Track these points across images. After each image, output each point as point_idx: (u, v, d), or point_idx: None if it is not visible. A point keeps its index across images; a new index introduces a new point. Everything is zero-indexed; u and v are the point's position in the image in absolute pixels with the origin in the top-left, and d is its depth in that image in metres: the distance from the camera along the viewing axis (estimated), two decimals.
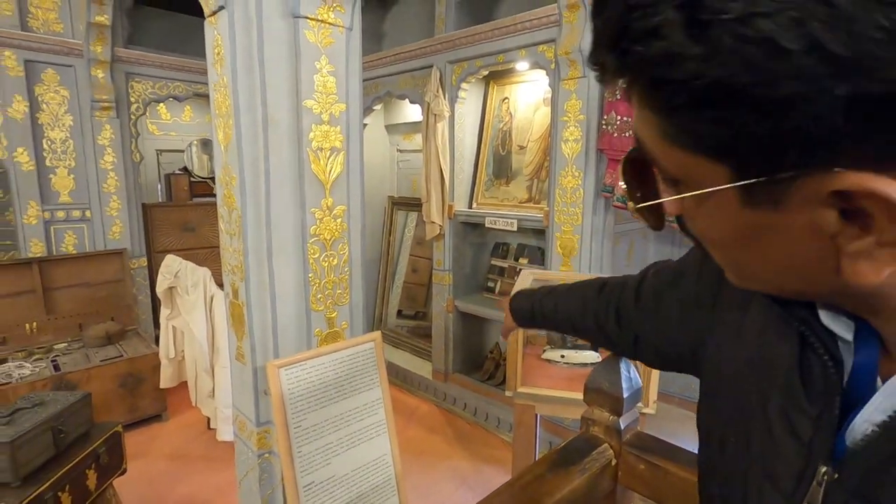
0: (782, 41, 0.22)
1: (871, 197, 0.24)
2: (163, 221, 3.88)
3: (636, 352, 0.72)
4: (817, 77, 0.22)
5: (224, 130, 1.28)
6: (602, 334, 0.76)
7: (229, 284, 1.38)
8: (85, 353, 3.02)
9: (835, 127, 0.23)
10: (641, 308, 0.67)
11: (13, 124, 3.04)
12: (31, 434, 1.58)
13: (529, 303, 0.90)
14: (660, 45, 0.25)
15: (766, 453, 0.41)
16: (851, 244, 0.26)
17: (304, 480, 1.27)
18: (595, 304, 0.76)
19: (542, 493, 0.75)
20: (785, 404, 0.39)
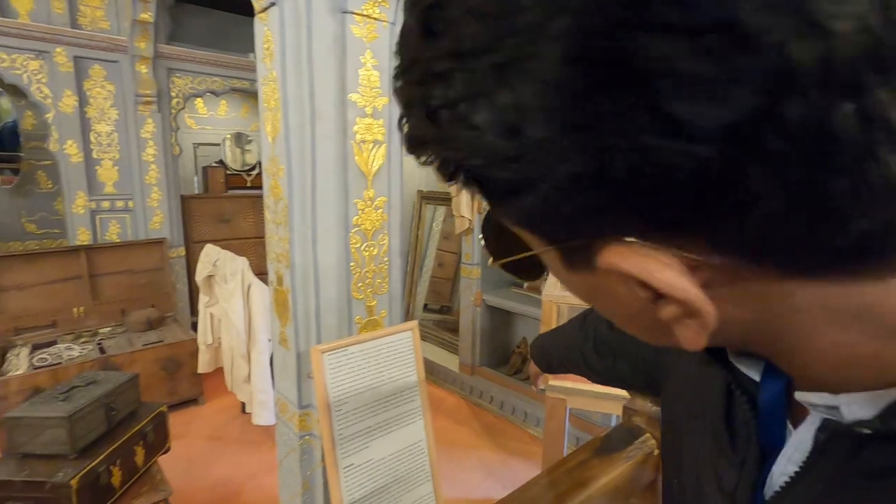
0: (477, 123, 0.20)
1: (630, 274, 0.21)
2: (200, 212, 4.01)
3: (619, 378, 0.74)
4: (524, 160, 0.20)
5: (272, 123, 1.32)
6: (590, 370, 0.77)
7: (274, 272, 1.43)
8: (128, 337, 3.16)
9: (582, 206, 0.20)
10: (616, 333, 0.69)
11: (63, 118, 3.19)
12: (86, 410, 1.67)
13: (539, 353, 0.92)
14: (409, 125, 0.24)
15: (693, 496, 0.39)
16: (661, 312, 0.23)
17: (344, 462, 1.31)
18: (577, 342, 0.78)
19: (586, 477, 0.77)
20: (713, 455, 0.36)
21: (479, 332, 3.34)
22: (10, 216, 3.74)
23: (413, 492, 1.45)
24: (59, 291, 3.20)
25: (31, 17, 3.02)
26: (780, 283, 0.22)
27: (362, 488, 1.34)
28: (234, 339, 2.67)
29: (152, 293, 3.50)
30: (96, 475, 1.64)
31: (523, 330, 3.43)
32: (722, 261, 0.21)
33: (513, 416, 3.08)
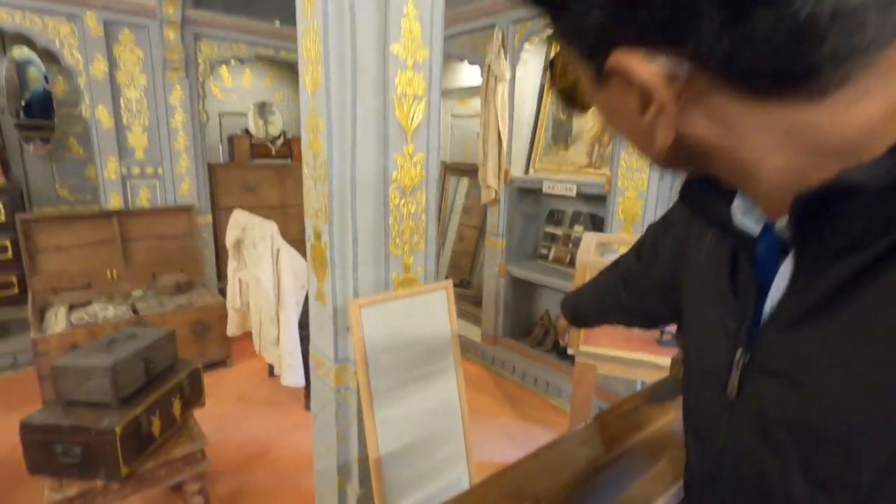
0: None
1: (627, 71, 0.29)
2: (226, 181, 4.05)
3: (649, 313, 0.75)
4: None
5: (312, 76, 1.31)
6: (620, 310, 0.80)
7: (311, 227, 1.43)
8: (159, 299, 3.24)
9: (600, 19, 0.29)
10: (643, 263, 0.72)
11: (95, 83, 3.21)
12: (127, 362, 1.73)
13: (571, 305, 0.95)
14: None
15: (706, 358, 0.44)
16: (645, 117, 0.31)
17: (380, 414, 1.33)
18: (607, 285, 0.82)
19: (640, 422, 0.77)
20: (721, 312, 0.42)
21: (502, 304, 3.35)
22: (44, 182, 3.82)
23: (446, 447, 1.47)
24: (93, 254, 3.28)
25: None
26: (741, 103, 0.28)
27: (397, 441, 1.36)
28: (262, 303, 2.72)
29: (181, 258, 3.57)
30: (137, 423, 1.70)
31: (547, 302, 3.42)
32: (698, 77, 0.28)
33: (534, 386, 3.10)
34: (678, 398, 0.86)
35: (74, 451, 1.60)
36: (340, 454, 1.49)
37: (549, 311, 3.36)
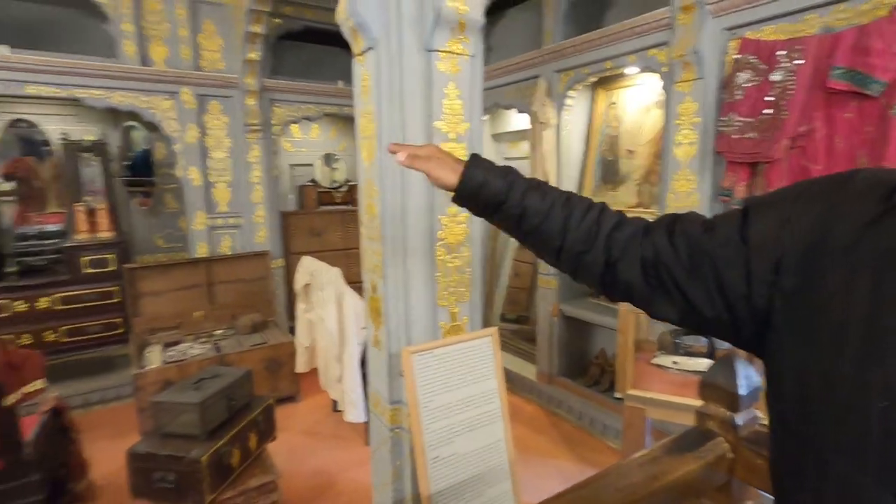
0: None
1: None
2: (296, 227, 4.42)
3: (686, 285, 0.60)
4: None
5: (368, 150, 1.51)
6: (611, 267, 0.68)
7: (368, 281, 1.61)
8: (237, 338, 3.57)
9: None
10: (713, 239, 0.59)
11: (188, 148, 3.70)
12: (213, 399, 1.96)
13: (504, 182, 0.74)
14: None
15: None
16: None
17: (431, 454, 1.45)
18: (618, 229, 0.69)
19: (658, 472, 0.83)
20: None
21: (556, 343, 3.37)
22: (145, 233, 4.38)
23: (494, 487, 1.55)
24: (184, 297, 3.69)
25: (166, 64, 3.56)
26: None
27: (447, 479, 1.46)
28: (327, 343, 2.94)
29: (257, 300, 3.91)
30: (220, 455, 1.91)
31: (601, 341, 3.40)
32: None
33: (591, 427, 3.07)
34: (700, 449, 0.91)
35: (169, 478, 1.83)
36: (396, 490, 1.61)
37: (604, 350, 3.34)
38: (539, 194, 0.74)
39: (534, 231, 0.74)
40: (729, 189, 2.27)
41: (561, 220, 0.72)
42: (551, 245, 0.73)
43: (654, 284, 0.65)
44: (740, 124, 2.16)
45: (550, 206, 0.72)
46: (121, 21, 3.37)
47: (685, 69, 2.35)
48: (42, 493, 1.97)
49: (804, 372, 0.50)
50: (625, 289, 0.69)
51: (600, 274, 0.70)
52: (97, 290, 3.58)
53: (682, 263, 0.61)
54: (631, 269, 0.66)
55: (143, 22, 3.47)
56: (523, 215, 0.73)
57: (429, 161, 0.80)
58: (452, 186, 0.78)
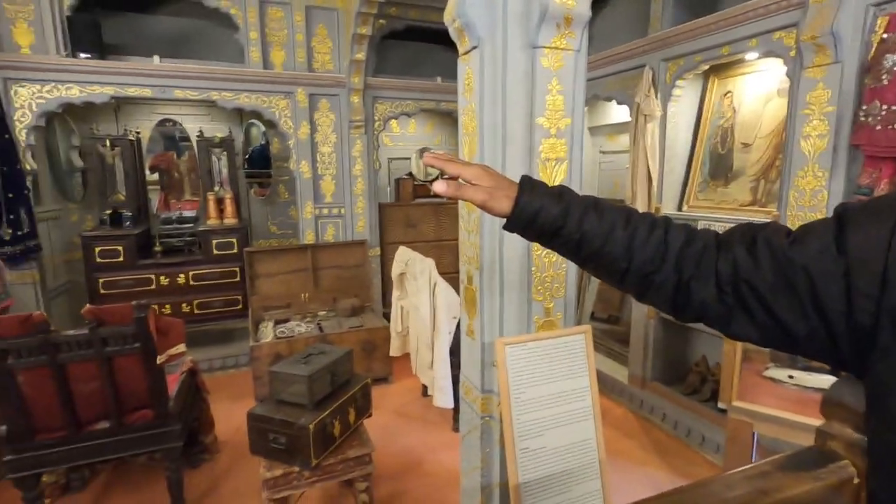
0: None
1: None
2: (392, 218, 4.64)
3: (770, 300, 0.56)
4: None
5: (470, 146, 1.56)
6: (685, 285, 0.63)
7: (465, 272, 1.67)
8: (338, 320, 3.85)
9: None
10: (799, 251, 0.55)
11: (300, 143, 4.04)
12: (320, 373, 2.16)
13: (560, 207, 0.68)
14: None
15: None
16: None
17: (520, 444, 1.48)
18: (689, 245, 0.64)
19: (767, 488, 0.79)
20: None
21: (651, 346, 3.22)
22: (261, 220, 4.86)
23: (582, 485, 1.54)
24: (292, 280, 4.05)
25: (283, 67, 3.91)
26: None
27: (535, 471, 1.48)
28: (420, 330, 3.07)
29: (355, 286, 4.18)
30: (324, 424, 2.10)
31: (702, 347, 3.18)
32: None
33: (688, 437, 2.90)
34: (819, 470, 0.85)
35: (281, 440, 2.05)
36: (484, 476, 1.66)
37: (706, 357, 3.12)
38: (597, 215, 0.68)
39: (595, 255, 0.69)
40: (868, 187, 2.01)
41: (624, 242, 0.66)
42: (615, 268, 0.68)
43: (730, 302, 0.61)
44: (885, 113, 1.90)
45: (611, 228, 0.67)
46: (249, 30, 3.76)
47: (818, 52, 2.11)
48: (181, 440, 2.31)
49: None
50: (699, 308, 0.64)
51: (672, 295, 0.66)
52: (222, 270, 4.05)
53: (766, 278, 0.57)
54: (705, 286, 0.62)
55: (267, 29, 3.84)
56: (582, 240, 0.68)
57: (477, 191, 0.69)
58: (505, 214, 0.70)
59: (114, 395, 2.13)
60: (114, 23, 3.78)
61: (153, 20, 3.98)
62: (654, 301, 0.70)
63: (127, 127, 4.23)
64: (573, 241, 0.69)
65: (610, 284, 0.74)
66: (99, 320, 2.04)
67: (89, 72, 3.40)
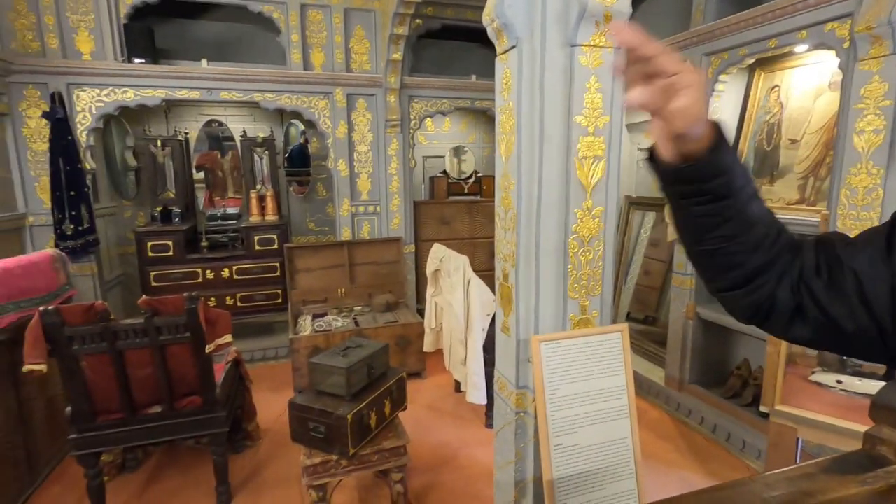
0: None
1: None
2: (426, 216, 4.70)
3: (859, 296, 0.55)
4: None
5: (507, 145, 1.58)
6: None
7: (501, 270, 1.69)
8: (373, 315, 3.93)
9: None
10: (855, 247, 0.57)
11: (338, 142, 4.14)
12: (357, 366, 2.22)
13: (744, 177, 0.59)
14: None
15: None
16: None
17: (554, 441, 1.49)
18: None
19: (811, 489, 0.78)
20: None
21: (689, 347, 3.14)
22: (300, 217, 5.01)
23: (616, 484, 1.54)
24: (329, 275, 4.16)
25: (322, 68, 4.02)
26: None
27: (569, 467, 1.49)
28: (453, 326, 3.11)
29: (390, 282, 4.26)
30: (361, 415, 2.16)
31: (744, 350, 3.09)
32: None
33: (727, 442, 2.82)
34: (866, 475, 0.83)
35: (320, 429, 2.13)
36: (517, 470, 1.68)
37: (748, 360, 3.03)
38: (758, 203, 0.61)
39: (725, 239, 0.61)
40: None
41: (757, 240, 0.61)
42: (731, 261, 0.62)
43: (792, 304, 0.61)
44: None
45: (758, 222, 0.61)
46: (290, 33, 3.87)
47: (874, 44, 2.02)
48: (227, 426, 2.43)
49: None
50: (767, 308, 0.63)
51: (761, 300, 0.63)
52: (264, 265, 4.20)
53: (822, 278, 0.58)
54: (784, 288, 0.61)
55: (307, 32, 3.95)
56: (731, 221, 0.60)
57: (689, 106, 0.52)
58: (697, 149, 0.56)
59: (166, 382, 2.26)
60: (165, 29, 3.97)
61: (201, 25, 4.16)
62: (736, 297, 0.65)
63: (176, 128, 4.44)
64: (722, 217, 0.60)
65: (700, 266, 0.67)
66: (154, 310, 2.17)
67: (143, 76, 3.59)
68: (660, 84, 0.51)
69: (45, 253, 2.69)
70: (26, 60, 3.32)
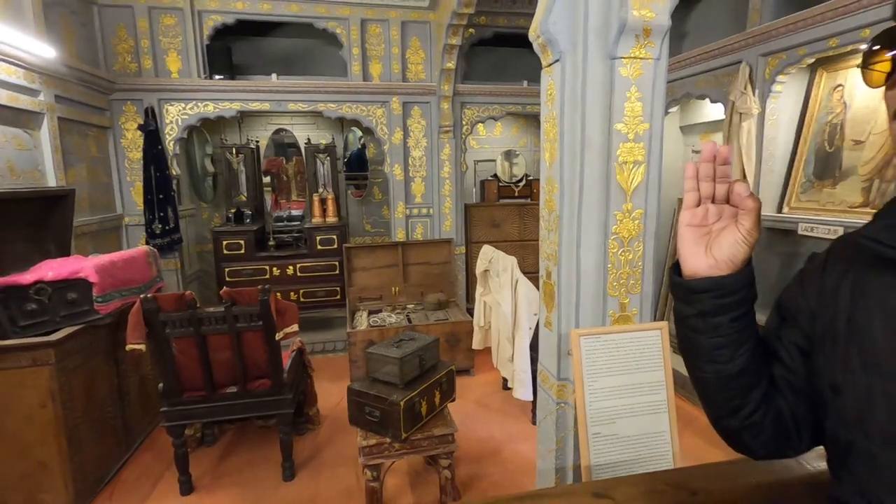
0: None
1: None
2: (477, 218, 4.83)
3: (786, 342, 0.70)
4: None
5: (550, 152, 1.69)
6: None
7: (544, 268, 1.80)
8: (425, 313, 4.11)
9: None
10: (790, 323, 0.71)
11: (394, 148, 4.37)
12: (409, 356, 2.39)
13: (753, 289, 0.67)
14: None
15: (894, 363, 0.54)
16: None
17: (592, 429, 1.58)
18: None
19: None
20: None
21: None
22: (357, 218, 5.29)
23: None
24: (384, 274, 4.39)
25: (380, 79, 4.26)
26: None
27: (607, 455, 1.58)
28: (501, 324, 3.22)
29: (441, 281, 4.43)
30: (413, 403, 2.33)
31: None
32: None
33: None
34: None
35: (375, 413, 2.32)
36: (558, 458, 1.78)
37: None
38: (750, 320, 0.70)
39: (733, 356, 0.68)
40: None
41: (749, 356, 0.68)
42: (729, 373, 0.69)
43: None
44: None
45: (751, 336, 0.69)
46: (351, 47, 4.15)
47: None
48: (292, 408, 2.67)
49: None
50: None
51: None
52: (324, 263, 4.50)
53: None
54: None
55: (367, 45, 4.21)
56: (729, 334, 0.67)
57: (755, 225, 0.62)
58: (737, 262, 0.64)
59: (241, 365, 2.53)
60: (241, 46, 4.36)
61: (271, 42, 4.53)
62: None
63: (248, 136, 4.84)
64: (731, 332, 0.67)
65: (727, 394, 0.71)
66: (232, 300, 2.45)
67: (222, 90, 3.97)
68: (725, 208, 0.64)
69: (141, 249, 3.06)
70: (126, 80, 3.78)
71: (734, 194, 0.62)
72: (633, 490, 0.78)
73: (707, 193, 0.63)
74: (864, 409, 0.57)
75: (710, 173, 0.62)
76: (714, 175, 0.62)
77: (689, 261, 0.65)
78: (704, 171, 0.62)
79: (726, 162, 0.62)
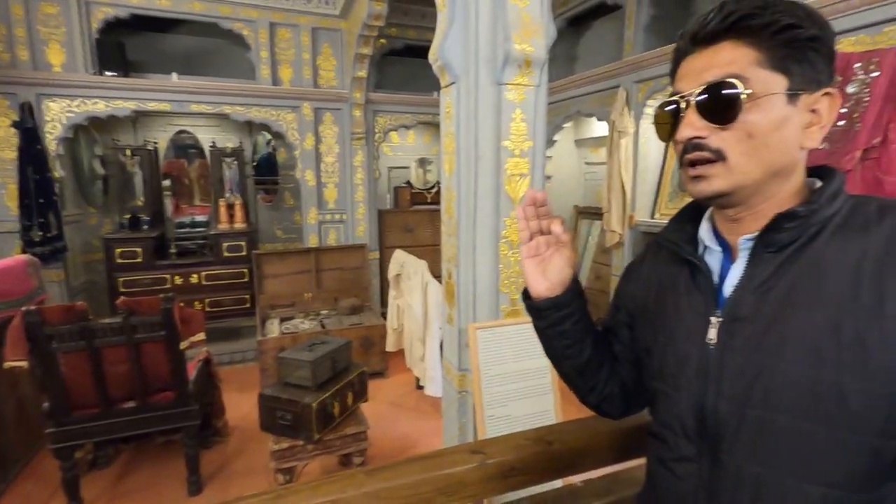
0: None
1: (819, 102, 0.60)
2: (390, 224, 4.95)
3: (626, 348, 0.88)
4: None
5: (449, 163, 1.86)
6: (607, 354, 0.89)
7: (446, 269, 1.96)
8: (339, 318, 4.14)
9: (826, 74, 0.60)
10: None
11: (305, 153, 4.35)
12: (321, 359, 2.45)
13: (582, 299, 0.85)
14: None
15: (679, 328, 0.72)
16: (813, 128, 0.60)
17: (487, 412, 1.77)
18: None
19: None
20: (688, 299, 0.71)
21: None
22: (267, 224, 5.17)
23: None
24: (296, 281, 4.35)
25: (290, 84, 4.24)
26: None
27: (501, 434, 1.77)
28: (413, 326, 3.36)
29: (355, 286, 4.48)
30: (325, 404, 2.39)
31: None
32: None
33: None
34: None
35: (287, 417, 2.34)
36: (460, 442, 1.95)
37: None
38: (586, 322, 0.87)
39: (569, 350, 0.86)
40: None
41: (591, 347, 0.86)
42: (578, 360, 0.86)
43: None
44: None
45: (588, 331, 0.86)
46: (259, 49, 4.08)
47: None
48: (198, 420, 2.60)
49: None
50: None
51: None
52: (232, 271, 4.35)
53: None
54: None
55: (276, 49, 4.17)
56: (567, 333, 0.84)
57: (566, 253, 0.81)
58: (564, 281, 0.81)
59: (140, 378, 2.42)
60: (136, 42, 4.11)
61: (172, 39, 4.32)
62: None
63: (145, 137, 4.55)
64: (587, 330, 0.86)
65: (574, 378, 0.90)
66: (130, 310, 2.34)
67: (114, 88, 3.73)
68: (550, 238, 0.80)
69: (20, 258, 2.80)
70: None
71: (552, 232, 0.79)
72: (503, 446, 0.95)
73: (535, 229, 0.79)
74: (662, 363, 0.76)
75: (532, 214, 0.79)
76: (537, 214, 0.79)
77: (533, 287, 0.82)
78: (529, 214, 0.79)
79: (544, 204, 0.78)
